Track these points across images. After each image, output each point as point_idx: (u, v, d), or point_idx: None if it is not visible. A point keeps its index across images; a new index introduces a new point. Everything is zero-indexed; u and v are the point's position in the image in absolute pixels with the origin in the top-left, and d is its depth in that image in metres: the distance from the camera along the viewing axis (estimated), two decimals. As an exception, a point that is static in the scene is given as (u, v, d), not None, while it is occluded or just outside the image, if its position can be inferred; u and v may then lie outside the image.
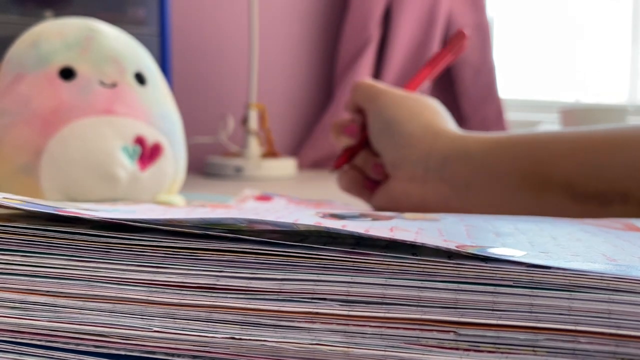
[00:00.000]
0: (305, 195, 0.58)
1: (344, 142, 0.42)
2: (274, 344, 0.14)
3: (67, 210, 0.17)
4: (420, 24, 1.17)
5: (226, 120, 0.98)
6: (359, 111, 0.42)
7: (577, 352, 0.13)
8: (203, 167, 0.97)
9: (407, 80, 0.43)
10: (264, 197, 0.55)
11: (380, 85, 0.40)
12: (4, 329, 0.16)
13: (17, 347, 0.16)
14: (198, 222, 0.16)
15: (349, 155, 0.42)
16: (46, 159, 0.38)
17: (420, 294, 0.14)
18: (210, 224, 0.16)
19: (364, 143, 0.41)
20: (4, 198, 0.17)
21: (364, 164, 0.41)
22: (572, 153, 0.31)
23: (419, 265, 0.15)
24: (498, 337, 0.13)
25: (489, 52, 1.21)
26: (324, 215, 0.22)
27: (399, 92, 0.40)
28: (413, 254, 0.15)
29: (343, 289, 0.15)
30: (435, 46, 1.17)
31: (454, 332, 0.14)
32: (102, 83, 0.40)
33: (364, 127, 0.41)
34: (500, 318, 0.14)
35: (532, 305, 0.14)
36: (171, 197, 0.43)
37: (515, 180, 0.32)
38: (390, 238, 0.15)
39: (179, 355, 0.15)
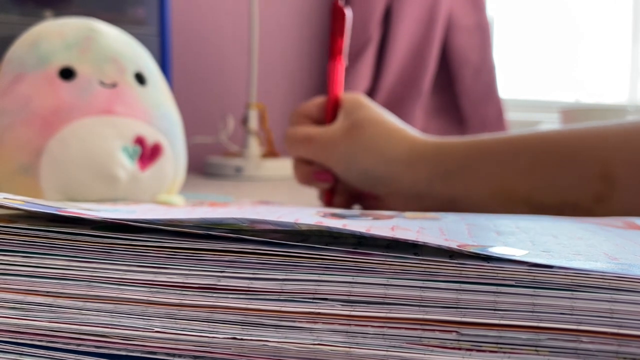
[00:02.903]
0: (305, 195, 0.58)
1: (321, 187, 0.43)
2: (275, 344, 0.14)
3: (68, 210, 0.17)
4: (420, 24, 1.17)
5: (226, 120, 0.98)
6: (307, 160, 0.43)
7: (579, 351, 0.13)
8: (203, 167, 0.97)
9: (330, 87, 0.43)
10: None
11: (313, 132, 0.41)
12: (4, 330, 0.16)
13: (17, 348, 0.16)
14: (199, 222, 0.16)
15: (331, 191, 0.43)
16: (46, 159, 0.38)
17: (422, 293, 0.14)
18: (212, 224, 0.16)
19: (336, 178, 0.42)
20: (5, 198, 0.17)
21: (347, 188, 0.43)
22: (532, 169, 0.34)
23: (421, 265, 0.15)
24: (500, 337, 0.13)
25: (489, 52, 1.21)
26: (325, 215, 0.22)
27: (336, 132, 0.40)
28: (415, 254, 0.15)
29: (345, 289, 0.15)
30: (435, 46, 1.17)
31: (456, 332, 0.14)
32: (102, 83, 0.40)
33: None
34: (502, 318, 0.14)
35: (534, 304, 0.13)
36: (171, 197, 0.43)
37: (490, 194, 0.36)
38: (392, 237, 0.15)
39: (180, 356, 0.15)
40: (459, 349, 0.14)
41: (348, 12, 0.43)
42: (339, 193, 0.43)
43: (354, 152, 0.39)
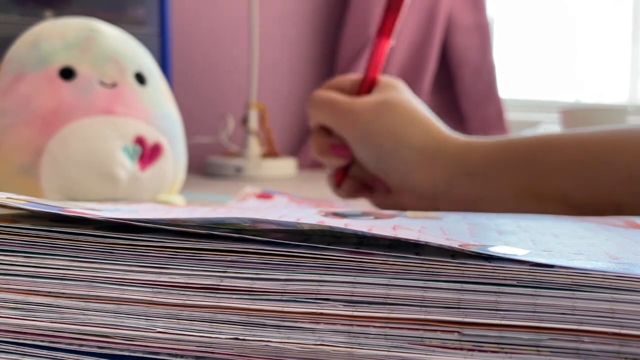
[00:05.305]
0: (305, 195, 0.58)
1: (336, 163, 0.41)
2: (277, 345, 0.14)
3: (71, 210, 0.17)
4: (420, 24, 1.17)
5: (226, 120, 0.98)
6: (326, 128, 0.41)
7: (580, 351, 0.13)
8: (203, 167, 0.97)
9: (370, 67, 0.41)
10: (265, 195, 0.55)
11: (339, 99, 0.39)
12: (6, 330, 0.16)
13: (19, 348, 0.16)
14: (202, 222, 0.16)
15: (344, 171, 0.42)
16: (46, 159, 0.38)
17: (424, 294, 0.14)
18: (214, 224, 0.16)
19: (353, 157, 0.40)
20: (8, 198, 0.17)
21: (360, 173, 0.41)
22: (567, 167, 0.32)
23: (423, 265, 0.15)
24: (501, 337, 0.13)
25: (489, 52, 1.21)
26: (327, 214, 0.22)
27: (364, 103, 0.39)
28: (416, 253, 0.15)
29: (346, 289, 0.15)
30: (435, 46, 1.17)
31: (458, 332, 0.14)
32: (102, 83, 0.40)
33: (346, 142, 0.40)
34: (503, 318, 0.14)
35: (535, 304, 0.14)
36: (171, 197, 0.43)
37: (517, 194, 0.34)
38: (393, 237, 0.15)
39: (182, 356, 0.15)
40: (461, 349, 0.14)
41: None
42: (352, 176, 0.42)
43: (374, 129, 0.37)
